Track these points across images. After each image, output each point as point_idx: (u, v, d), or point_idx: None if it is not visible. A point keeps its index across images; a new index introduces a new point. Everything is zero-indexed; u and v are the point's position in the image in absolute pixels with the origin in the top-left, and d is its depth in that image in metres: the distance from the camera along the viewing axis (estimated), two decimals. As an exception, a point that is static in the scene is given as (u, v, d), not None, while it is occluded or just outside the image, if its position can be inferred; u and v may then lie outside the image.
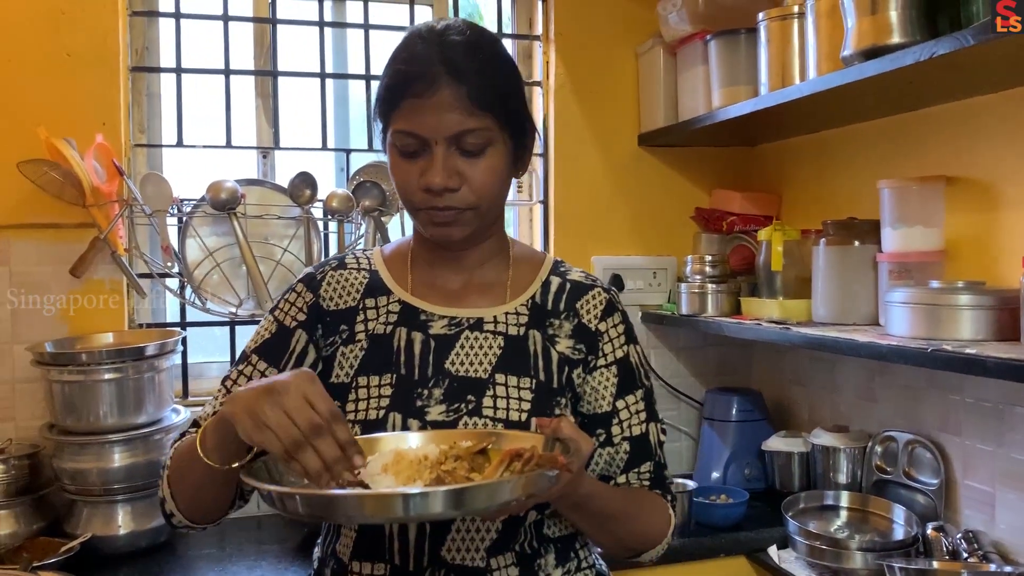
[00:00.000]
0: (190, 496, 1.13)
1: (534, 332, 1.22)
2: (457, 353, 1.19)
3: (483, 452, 1.02)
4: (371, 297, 1.23)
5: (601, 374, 1.23)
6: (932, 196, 1.83)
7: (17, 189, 2.00)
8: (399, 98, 1.11)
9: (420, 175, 1.12)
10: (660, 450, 1.27)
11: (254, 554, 1.94)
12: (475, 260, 1.25)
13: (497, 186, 1.16)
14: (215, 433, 1.03)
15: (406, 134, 1.12)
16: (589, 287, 1.27)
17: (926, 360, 1.47)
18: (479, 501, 0.90)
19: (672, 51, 2.35)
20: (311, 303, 1.23)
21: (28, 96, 2.04)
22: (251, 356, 1.22)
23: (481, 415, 1.15)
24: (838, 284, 1.94)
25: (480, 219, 1.17)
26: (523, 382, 1.18)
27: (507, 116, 1.14)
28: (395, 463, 1.00)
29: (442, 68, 1.09)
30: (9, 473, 1.88)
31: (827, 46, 1.75)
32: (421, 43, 1.12)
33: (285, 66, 2.34)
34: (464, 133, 1.11)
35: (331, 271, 1.26)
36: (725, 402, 2.37)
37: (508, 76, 1.17)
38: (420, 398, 1.16)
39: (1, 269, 2.04)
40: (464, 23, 1.16)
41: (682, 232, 2.54)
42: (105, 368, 1.87)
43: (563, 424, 1.02)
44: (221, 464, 1.03)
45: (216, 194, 2.07)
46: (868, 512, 1.97)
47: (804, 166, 2.37)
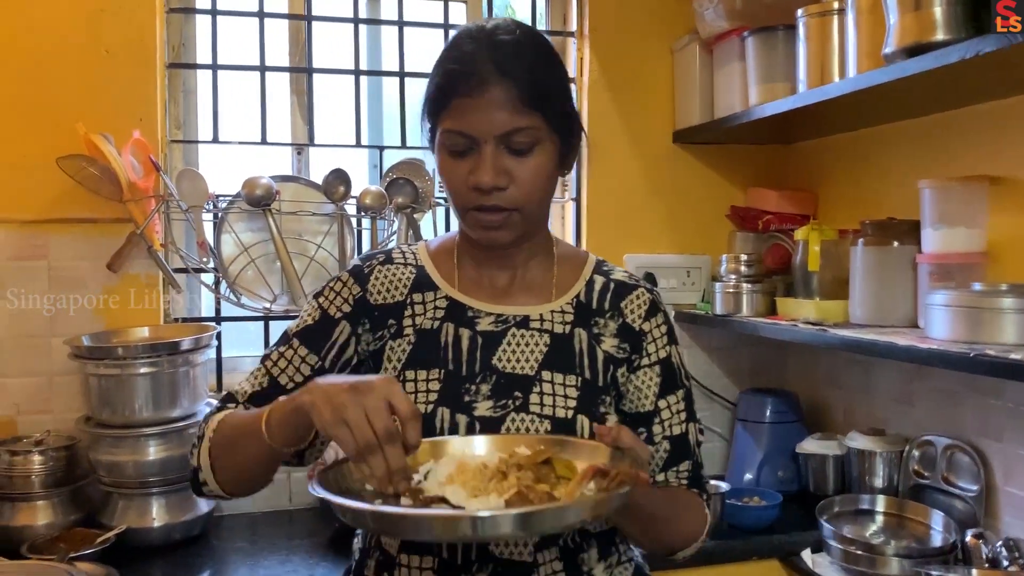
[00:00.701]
0: (235, 470, 1.14)
1: (579, 330, 1.23)
2: (504, 350, 1.20)
3: (547, 462, 1.00)
4: (418, 292, 1.24)
5: (644, 373, 1.24)
6: (975, 196, 1.80)
7: (56, 184, 2.03)
8: (449, 98, 1.13)
9: (469, 174, 1.13)
10: (698, 450, 1.28)
11: (285, 548, 1.95)
12: (521, 258, 1.25)
13: (544, 185, 1.17)
14: (283, 418, 1.03)
15: (456, 133, 1.13)
16: (633, 287, 1.28)
17: (968, 365, 1.44)
18: (548, 523, 0.90)
19: (708, 47, 2.33)
20: (358, 296, 1.24)
21: (67, 92, 2.06)
22: (292, 339, 1.23)
23: (528, 411, 1.16)
24: (876, 285, 1.91)
25: (526, 221, 1.18)
26: (569, 379, 1.19)
27: (555, 115, 1.15)
28: (459, 472, 0.99)
29: (492, 67, 1.10)
30: (47, 465, 1.91)
31: (868, 43, 1.72)
32: (471, 43, 1.13)
33: (320, 63, 2.34)
34: (513, 132, 1.11)
35: (378, 265, 1.26)
36: (759, 403, 2.35)
37: (557, 75, 1.18)
38: (468, 393, 1.17)
39: (40, 263, 2.07)
40: (513, 22, 1.17)
41: (717, 230, 2.51)
42: (141, 362, 1.89)
43: (623, 433, 1.02)
44: (281, 447, 1.04)
45: (251, 190, 2.09)
46: (905, 517, 1.94)
47: (842, 165, 2.33)
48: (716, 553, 1.92)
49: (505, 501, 0.93)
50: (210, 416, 1.19)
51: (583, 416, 1.17)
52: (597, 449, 1.04)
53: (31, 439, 1.95)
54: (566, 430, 1.15)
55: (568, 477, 0.98)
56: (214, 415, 1.18)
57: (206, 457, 1.14)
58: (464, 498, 0.95)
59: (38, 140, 2.03)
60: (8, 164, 2.04)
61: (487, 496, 0.95)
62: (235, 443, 1.12)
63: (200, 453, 1.15)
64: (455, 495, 0.95)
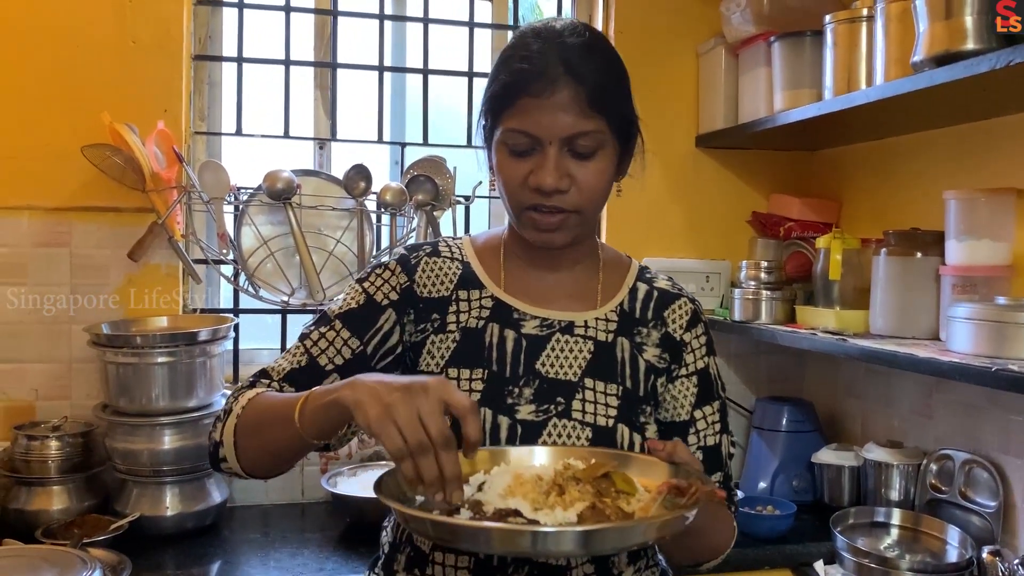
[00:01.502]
0: (259, 452, 1.12)
1: (622, 339, 1.22)
2: (548, 354, 1.19)
3: (606, 475, 0.98)
4: (464, 289, 1.23)
5: (682, 383, 1.24)
6: (1001, 208, 1.77)
7: (80, 172, 2.05)
8: (514, 96, 1.12)
9: (529, 174, 1.13)
10: (729, 461, 1.27)
11: (297, 542, 1.95)
12: (569, 261, 1.25)
13: (602, 190, 1.17)
14: (319, 409, 1.01)
15: (520, 132, 1.12)
16: (676, 296, 1.28)
17: (991, 380, 1.41)
18: (611, 542, 0.88)
19: (734, 52, 2.31)
20: (405, 286, 1.22)
21: (93, 82, 2.08)
22: (335, 321, 1.21)
23: (570, 417, 1.16)
24: (898, 296, 1.89)
25: (582, 224, 1.18)
26: (610, 388, 1.19)
27: (618, 120, 1.14)
28: (517, 485, 0.96)
29: (561, 68, 1.09)
30: (63, 451, 1.92)
31: (896, 51, 1.70)
32: (539, 42, 1.12)
33: (344, 58, 2.35)
34: (578, 135, 1.11)
35: (425, 257, 1.25)
36: (775, 411, 2.33)
37: (622, 79, 1.17)
38: (511, 396, 1.16)
39: (62, 251, 2.09)
40: (580, 24, 1.17)
41: (737, 236, 2.49)
42: (159, 351, 1.90)
43: (680, 448, 1.02)
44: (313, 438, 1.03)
45: (272, 184, 2.09)
46: (920, 532, 1.91)
47: (866, 173, 2.31)
48: (728, 562, 1.83)
49: (578, 516, 0.90)
50: (240, 392, 1.16)
51: (623, 425, 1.16)
52: (652, 464, 1.03)
53: (49, 424, 1.97)
54: (607, 438, 1.14)
55: (628, 491, 0.96)
56: (245, 392, 1.15)
57: (231, 434, 1.12)
58: (528, 511, 0.91)
59: (64, 129, 2.05)
60: (34, 152, 2.06)
61: (551, 510, 0.92)
62: (264, 425, 1.10)
63: (225, 428, 1.13)
64: (520, 507, 0.92)
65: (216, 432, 1.15)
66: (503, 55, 1.17)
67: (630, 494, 0.96)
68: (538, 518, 0.90)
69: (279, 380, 1.18)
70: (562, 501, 0.93)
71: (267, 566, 1.82)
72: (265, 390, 1.16)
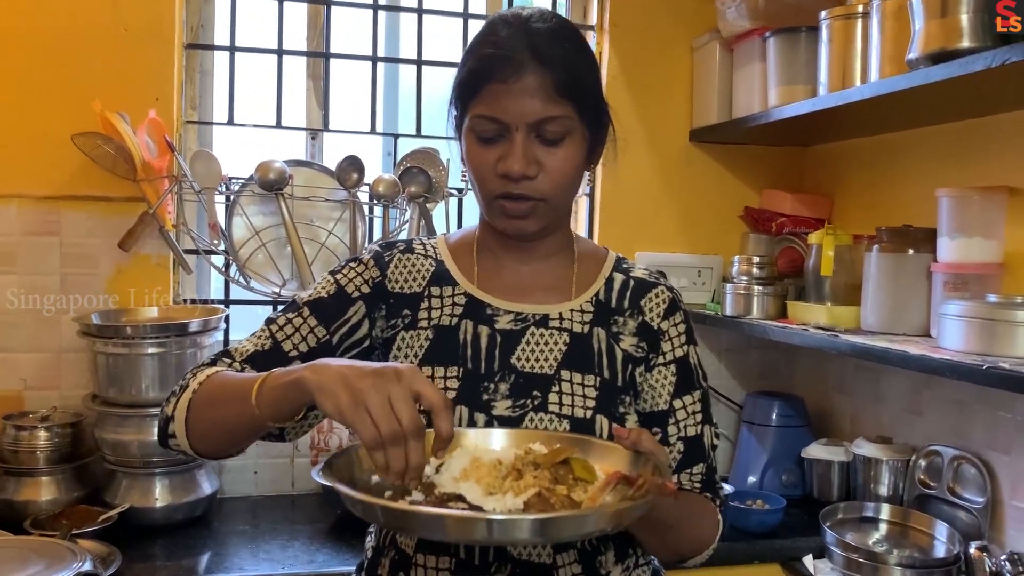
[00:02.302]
0: (209, 428, 1.08)
1: (598, 329, 1.21)
2: (523, 349, 1.18)
3: (565, 462, 0.97)
4: (436, 286, 1.23)
5: (660, 372, 1.22)
6: (993, 207, 1.78)
7: (71, 161, 2.03)
8: (482, 82, 1.11)
9: (497, 161, 1.12)
10: (713, 453, 1.26)
11: (287, 533, 1.95)
12: (542, 253, 1.24)
13: (572, 177, 1.16)
14: (279, 390, 0.98)
15: (487, 119, 1.11)
16: (653, 284, 1.27)
17: (982, 377, 1.42)
18: (567, 530, 0.87)
19: (729, 47, 2.31)
20: (377, 280, 1.22)
21: (85, 70, 2.06)
22: (303, 308, 1.19)
23: (547, 411, 1.15)
24: (890, 292, 1.90)
25: (553, 212, 1.17)
26: (587, 379, 1.18)
27: (587, 106, 1.14)
28: (474, 468, 0.96)
29: (528, 54, 1.09)
30: (52, 441, 1.92)
31: (892, 48, 1.70)
32: (506, 28, 1.12)
33: (337, 48, 2.34)
34: (546, 120, 1.10)
35: (399, 253, 1.25)
36: (766, 406, 2.34)
37: (590, 66, 1.17)
38: (486, 392, 1.16)
39: (52, 239, 2.07)
40: (548, 11, 1.16)
41: (729, 231, 2.50)
42: (149, 342, 1.90)
43: (643, 437, 1.01)
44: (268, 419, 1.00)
45: (264, 174, 2.08)
46: (909, 527, 1.93)
47: (859, 169, 2.31)
48: (717, 556, 1.83)
49: (524, 503, 0.90)
50: (199, 369, 1.14)
51: (602, 416, 1.16)
52: (616, 451, 1.02)
53: (37, 414, 1.96)
54: (585, 430, 1.14)
55: (586, 479, 0.95)
56: (204, 368, 1.13)
57: (183, 409, 1.09)
58: (479, 496, 0.91)
59: (55, 116, 2.03)
60: (24, 140, 2.04)
61: (503, 495, 0.91)
62: (218, 401, 1.07)
63: (178, 403, 1.09)
64: (470, 492, 0.91)
65: (169, 407, 1.11)
66: (472, 43, 1.16)
67: (588, 481, 0.95)
68: (487, 503, 0.90)
69: (241, 361, 1.16)
70: (516, 486, 0.92)
71: (257, 558, 1.82)
72: (225, 369, 1.14)
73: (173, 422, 1.10)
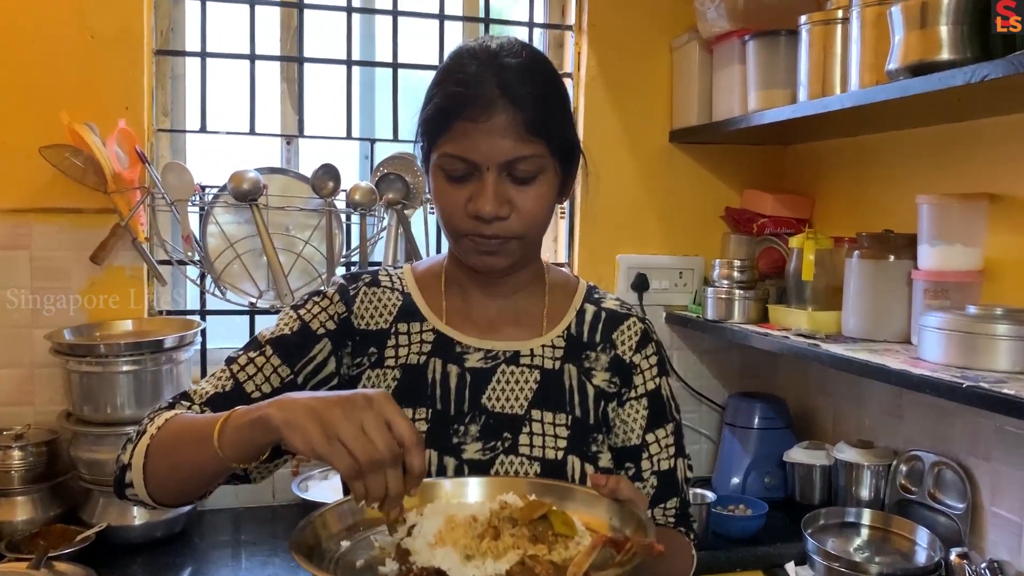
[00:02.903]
0: (169, 475, 1.04)
1: (569, 366, 1.19)
2: (493, 388, 1.16)
3: (543, 517, 0.93)
4: (404, 322, 1.19)
5: (631, 406, 1.21)
6: (974, 214, 1.77)
7: (40, 173, 1.99)
8: (450, 120, 1.07)
9: (468, 201, 1.09)
10: (686, 486, 1.24)
11: (268, 549, 1.94)
12: (512, 287, 1.21)
13: (544, 214, 1.13)
14: (241, 430, 0.94)
15: (456, 158, 1.08)
16: (624, 316, 1.25)
17: (962, 396, 1.41)
18: None
19: (708, 47, 2.28)
20: (343, 316, 1.18)
21: (51, 78, 2.01)
22: (265, 347, 1.15)
23: (517, 453, 1.13)
24: (870, 299, 1.89)
25: (525, 248, 1.14)
26: (559, 418, 1.16)
27: (558, 142, 1.11)
28: (448, 530, 0.92)
29: (498, 92, 1.06)
30: (27, 460, 1.89)
31: (871, 56, 1.68)
32: (475, 63, 1.08)
33: (311, 52, 2.29)
34: (517, 160, 1.07)
35: (364, 287, 1.21)
36: (748, 409, 2.33)
37: (561, 101, 1.14)
38: (456, 435, 1.13)
39: (22, 253, 2.03)
40: (518, 43, 1.12)
41: (711, 232, 2.48)
42: (123, 360, 1.86)
43: (622, 485, 0.98)
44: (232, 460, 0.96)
45: (238, 184, 2.05)
46: (890, 532, 1.93)
47: (840, 170, 2.30)
48: (700, 564, 1.87)
49: (507, 573, 0.86)
50: (157, 413, 1.09)
51: (574, 456, 1.14)
52: (594, 499, 0.99)
53: (11, 432, 1.92)
54: (556, 471, 1.12)
55: (566, 535, 0.92)
56: (162, 412, 1.08)
57: (140, 456, 1.04)
58: (457, 563, 0.87)
59: (22, 127, 1.99)
60: (-10, 151, 1.99)
61: (483, 560, 0.87)
62: (178, 445, 1.02)
63: (135, 450, 1.05)
64: (447, 560, 0.87)
65: (125, 454, 1.06)
66: (438, 76, 1.12)
67: (569, 537, 0.92)
68: (467, 573, 0.86)
69: (200, 404, 1.12)
70: (495, 548, 0.89)
71: None
72: (184, 412, 1.09)
73: (130, 470, 1.05)
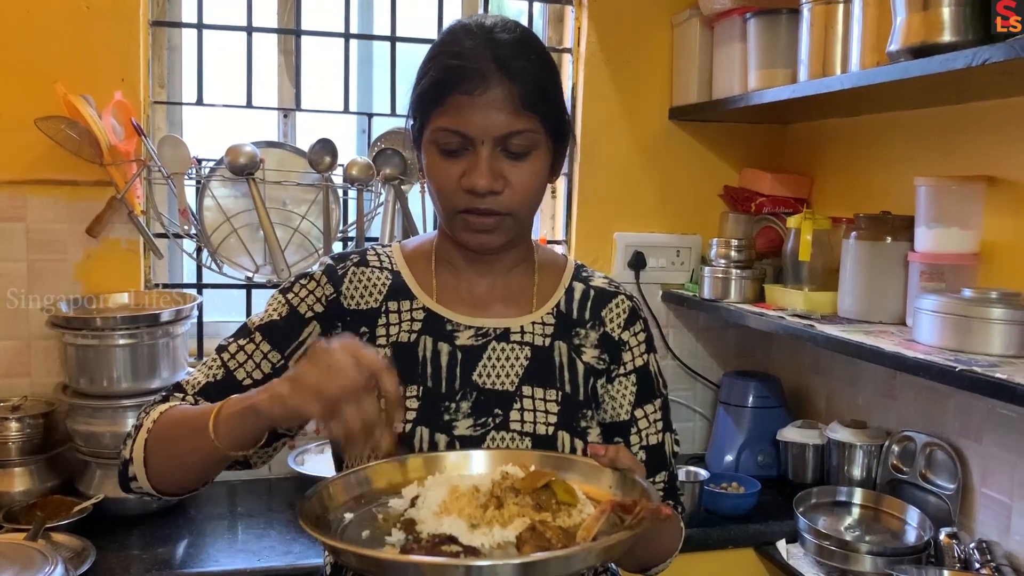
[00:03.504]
0: (170, 466, 1.08)
1: (559, 343, 1.21)
2: (484, 365, 1.17)
3: (546, 486, 0.94)
4: (394, 300, 1.20)
5: (620, 383, 1.23)
6: (971, 197, 1.77)
7: (35, 145, 1.98)
8: (445, 94, 1.08)
9: (462, 176, 1.09)
10: (673, 460, 1.26)
11: (263, 521, 1.95)
12: (502, 266, 1.22)
13: (537, 191, 1.14)
14: (234, 417, 0.98)
15: (450, 132, 1.09)
16: (613, 294, 1.26)
17: (954, 379, 1.42)
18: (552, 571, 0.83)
19: (709, 24, 2.26)
20: (331, 297, 1.19)
21: (47, 50, 1.99)
22: (255, 333, 1.17)
23: (508, 429, 1.14)
24: (867, 280, 1.89)
25: (518, 226, 1.16)
26: (549, 394, 1.17)
27: (552, 118, 1.12)
28: (452, 499, 0.93)
29: (494, 66, 1.06)
30: (24, 432, 1.89)
31: (872, 37, 1.67)
32: (470, 39, 1.09)
33: (309, 25, 2.27)
34: (512, 134, 1.08)
35: (353, 267, 1.22)
36: (742, 387, 2.34)
37: (553, 78, 1.15)
38: (448, 412, 1.14)
39: (18, 225, 2.02)
40: (511, 21, 1.14)
41: (709, 210, 2.48)
42: (120, 333, 1.86)
43: (621, 454, 1.01)
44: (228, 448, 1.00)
45: (235, 158, 2.04)
46: (881, 511, 1.95)
47: (839, 150, 2.29)
48: (692, 541, 1.86)
49: (517, 538, 0.87)
50: (152, 407, 1.12)
51: (564, 432, 1.15)
52: (594, 469, 1.01)
53: (8, 404, 1.93)
54: (547, 447, 1.13)
55: (569, 503, 0.93)
56: (157, 406, 1.12)
57: (140, 450, 1.08)
58: (464, 531, 0.88)
59: (17, 99, 1.97)
60: (-15, 123, 1.98)
61: (488, 528, 0.88)
62: (176, 438, 1.06)
63: (135, 445, 1.09)
64: (454, 528, 0.88)
65: (126, 450, 1.10)
66: (432, 51, 1.13)
67: (571, 505, 0.94)
68: (475, 540, 0.87)
69: (194, 394, 1.15)
70: (500, 516, 0.90)
71: (233, 548, 1.82)
72: (178, 404, 1.12)
73: (132, 464, 1.09)
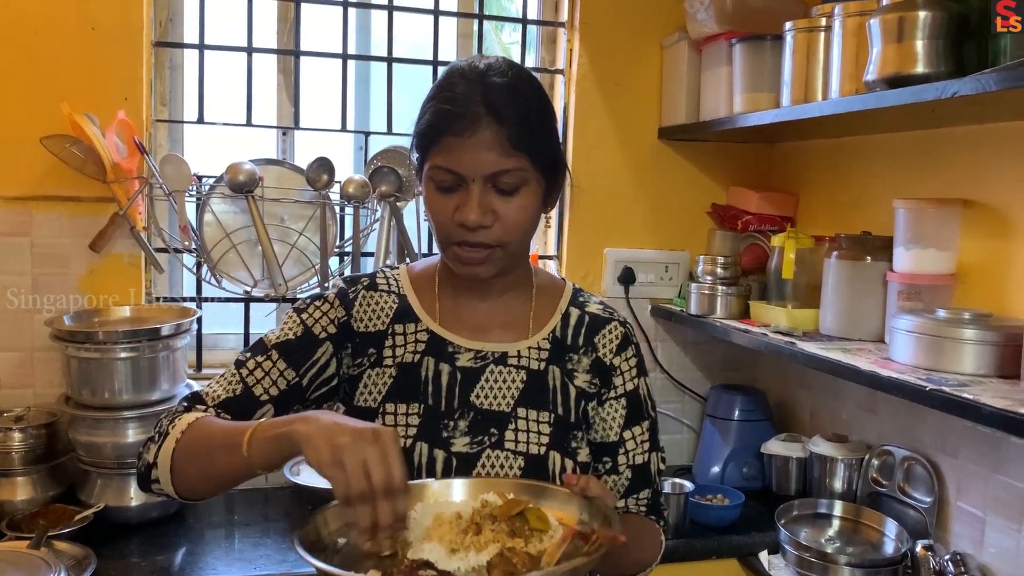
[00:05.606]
0: (199, 478, 1.13)
1: (554, 367, 1.27)
2: (482, 386, 1.24)
3: (520, 514, 1.02)
4: (400, 323, 1.27)
5: (611, 405, 1.29)
6: (948, 219, 1.83)
7: (41, 161, 2.03)
8: (439, 135, 1.15)
9: (455, 210, 1.16)
10: (659, 478, 1.33)
11: (260, 530, 2.00)
12: (500, 290, 1.29)
13: (527, 223, 1.20)
14: (270, 441, 1.03)
15: (444, 170, 1.16)
16: (607, 320, 1.32)
17: (924, 399, 1.48)
18: None
19: (697, 48, 2.32)
20: (343, 320, 1.26)
21: (52, 69, 2.05)
22: (271, 351, 1.23)
23: (503, 448, 1.21)
24: (847, 299, 1.95)
25: (508, 257, 1.21)
26: (542, 416, 1.24)
27: (542, 157, 1.18)
28: (436, 526, 1.02)
29: (483, 109, 1.13)
30: (27, 442, 1.94)
31: (851, 66, 1.73)
32: (464, 83, 1.16)
33: (308, 45, 2.33)
34: (500, 173, 1.14)
35: (363, 291, 1.28)
36: (728, 401, 2.40)
37: (545, 117, 1.21)
38: (446, 429, 1.21)
39: (23, 240, 2.08)
40: (506, 63, 1.20)
41: (697, 227, 2.54)
42: (121, 347, 1.91)
43: (592, 483, 1.06)
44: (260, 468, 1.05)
45: (234, 176, 2.09)
46: (860, 523, 2.01)
47: (823, 170, 2.36)
48: (676, 551, 1.98)
49: (488, 563, 0.95)
50: (177, 416, 1.17)
51: (555, 452, 1.22)
52: (567, 496, 1.08)
53: (11, 414, 1.98)
54: (539, 466, 1.20)
55: (541, 529, 1.01)
56: (182, 415, 1.16)
57: (167, 457, 1.13)
58: (444, 556, 0.97)
59: (23, 118, 2.03)
60: (-8, 140, 2.04)
61: (465, 553, 0.97)
62: (206, 451, 1.11)
63: (160, 450, 1.14)
64: (434, 553, 0.97)
65: (149, 453, 1.15)
66: (430, 93, 1.20)
67: (543, 531, 1.02)
68: (452, 564, 0.95)
69: (214, 407, 1.20)
70: (477, 542, 0.99)
71: (231, 557, 1.87)
72: (204, 415, 1.17)
73: (156, 468, 1.14)
